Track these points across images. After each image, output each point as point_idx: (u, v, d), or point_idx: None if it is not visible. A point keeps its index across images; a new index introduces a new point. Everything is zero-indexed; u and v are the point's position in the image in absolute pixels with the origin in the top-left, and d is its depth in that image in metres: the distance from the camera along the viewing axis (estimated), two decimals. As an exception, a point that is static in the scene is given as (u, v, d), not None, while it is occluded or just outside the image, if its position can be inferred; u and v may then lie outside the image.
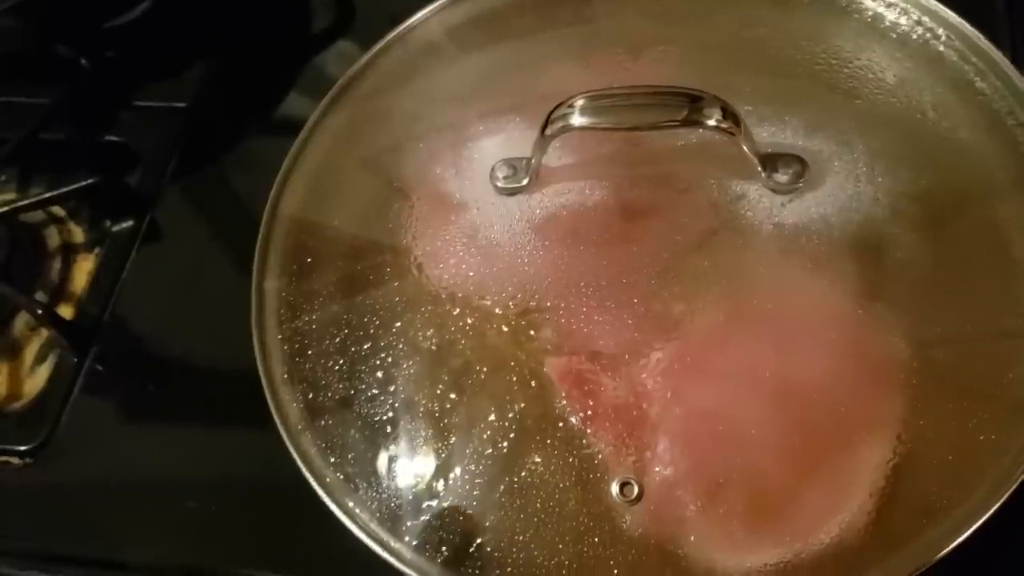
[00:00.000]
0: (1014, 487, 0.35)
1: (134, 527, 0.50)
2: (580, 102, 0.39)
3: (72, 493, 0.51)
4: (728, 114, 0.38)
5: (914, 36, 0.45)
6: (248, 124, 0.64)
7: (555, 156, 0.43)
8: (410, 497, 0.39)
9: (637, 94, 0.39)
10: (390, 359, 0.41)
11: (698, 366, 0.39)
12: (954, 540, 0.35)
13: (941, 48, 0.44)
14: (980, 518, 0.35)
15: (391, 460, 0.40)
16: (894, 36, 0.45)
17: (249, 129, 0.64)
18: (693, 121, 0.38)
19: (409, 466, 0.39)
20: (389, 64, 0.50)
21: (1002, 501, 0.35)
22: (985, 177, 0.41)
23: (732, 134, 0.38)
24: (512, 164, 0.43)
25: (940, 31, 0.44)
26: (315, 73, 0.66)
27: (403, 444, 0.40)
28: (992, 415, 0.37)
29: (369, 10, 0.68)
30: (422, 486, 0.39)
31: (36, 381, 0.56)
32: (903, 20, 0.45)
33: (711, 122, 0.38)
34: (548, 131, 0.40)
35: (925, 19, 0.45)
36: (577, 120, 0.39)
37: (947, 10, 0.44)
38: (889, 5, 0.45)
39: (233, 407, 0.51)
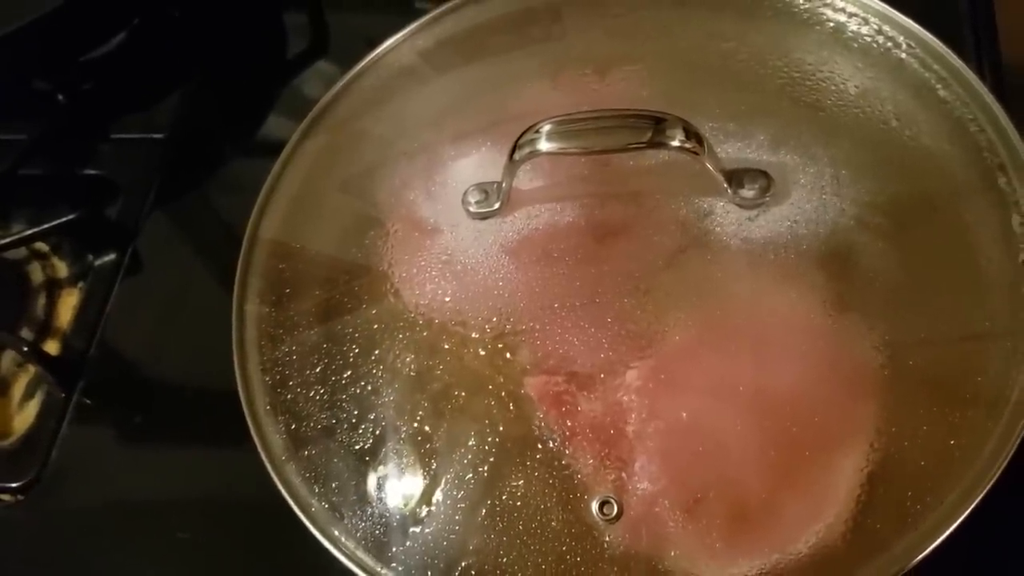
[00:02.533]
0: (987, 489, 0.36)
1: (126, 560, 0.50)
2: (547, 127, 0.39)
3: (64, 528, 0.52)
4: (691, 134, 0.39)
5: (875, 46, 0.45)
6: (227, 150, 0.65)
7: (526, 178, 0.43)
8: (394, 523, 0.39)
9: (602, 118, 0.40)
10: (370, 387, 0.42)
11: (673, 382, 0.39)
12: (931, 544, 0.35)
13: (903, 56, 0.45)
14: (955, 521, 0.35)
15: (375, 487, 0.40)
16: (856, 46, 0.45)
17: (228, 155, 0.65)
18: (657, 143, 0.39)
19: (392, 492, 0.40)
20: (365, 88, 0.51)
21: (976, 503, 0.35)
22: (949, 183, 0.42)
23: (696, 154, 0.39)
24: (484, 189, 0.43)
25: (901, 39, 0.45)
26: (293, 95, 0.66)
27: (386, 471, 0.40)
28: (964, 418, 0.37)
29: (344, 32, 0.69)
30: (406, 512, 0.39)
31: (25, 417, 0.56)
32: (864, 30, 0.45)
33: (675, 143, 0.39)
34: (516, 156, 0.40)
35: (886, 28, 0.45)
36: (544, 145, 0.39)
37: (907, 19, 0.45)
38: (850, 15, 0.46)
39: (222, 435, 0.51)
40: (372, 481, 0.40)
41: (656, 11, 0.49)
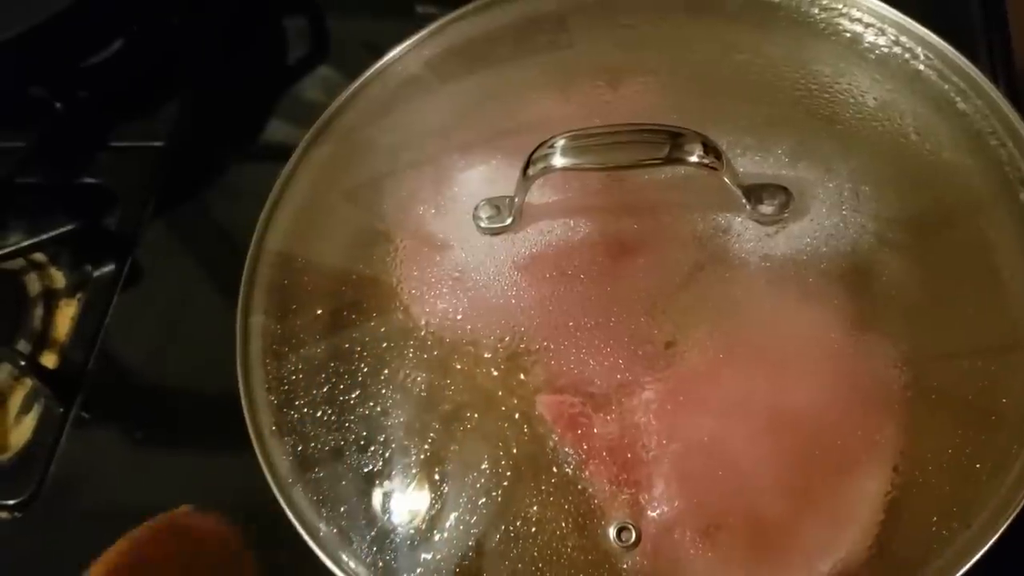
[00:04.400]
0: (1015, 514, 0.35)
1: (127, 580, 0.49)
2: (561, 142, 0.39)
3: (63, 544, 0.51)
4: (709, 149, 0.38)
5: (893, 57, 0.44)
6: (226, 157, 0.64)
7: (539, 193, 0.42)
8: (405, 548, 0.38)
9: (617, 132, 0.39)
10: (379, 407, 0.41)
11: (691, 402, 0.38)
12: (957, 571, 0.35)
13: (921, 67, 0.44)
14: (982, 547, 0.35)
15: (384, 511, 0.39)
16: (873, 57, 0.45)
17: (227, 162, 0.64)
18: (675, 159, 0.38)
19: (403, 517, 0.39)
20: (371, 97, 0.50)
21: (1003, 529, 0.35)
22: (970, 196, 0.41)
23: (715, 169, 0.38)
24: (495, 204, 0.42)
25: (919, 50, 0.44)
26: (293, 101, 0.65)
27: (396, 494, 0.39)
28: (989, 439, 0.37)
29: (345, 37, 0.68)
30: (417, 536, 0.38)
31: (22, 432, 0.55)
32: (881, 40, 0.45)
33: (693, 159, 0.38)
34: (530, 172, 0.39)
35: (903, 39, 0.45)
36: (559, 161, 0.39)
37: (925, 29, 0.44)
38: (867, 25, 0.45)
39: (223, 448, 0.51)
40: (382, 504, 0.39)
41: (666, 21, 0.48)
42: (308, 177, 0.48)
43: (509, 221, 0.42)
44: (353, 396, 0.41)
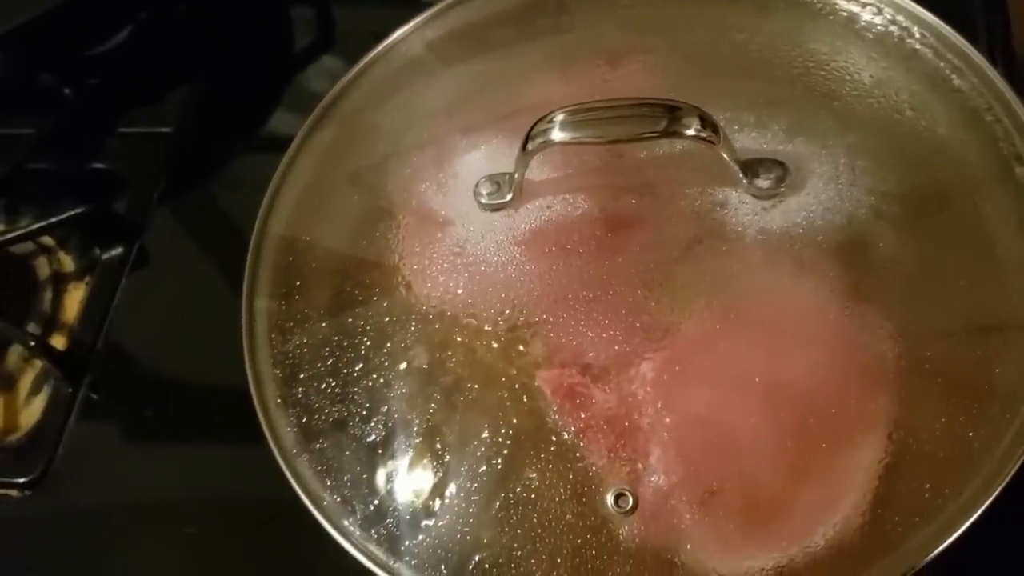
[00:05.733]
0: (1006, 482, 0.35)
1: (134, 555, 0.50)
2: (560, 117, 0.39)
3: (72, 523, 0.51)
4: (707, 124, 0.38)
5: (889, 35, 0.45)
6: (234, 144, 0.65)
7: (538, 169, 0.43)
8: (407, 516, 0.39)
9: (616, 107, 0.39)
10: (382, 379, 0.41)
11: (688, 374, 0.39)
12: (948, 538, 0.35)
13: (917, 46, 0.44)
14: (973, 515, 0.35)
15: (387, 480, 0.40)
16: (870, 36, 0.45)
17: (235, 149, 0.64)
18: (672, 132, 0.38)
19: (405, 485, 0.40)
20: (373, 80, 0.51)
21: (994, 497, 0.35)
22: (965, 173, 0.42)
23: (712, 143, 0.39)
24: (495, 180, 0.43)
25: (915, 29, 0.45)
26: (299, 90, 0.66)
27: (398, 464, 0.40)
28: (982, 411, 0.37)
29: (350, 26, 0.68)
30: (419, 505, 0.39)
31: (32, 412, 0.55)
32: (878, 19, 0.45)
33: (690, 132, 0.38)
34: (529, 147, 0.40)
35: (900, 18, 0.45)
36: (557, 135, 0.39)
37: (920, 8, 0.45)
38: (863, 5, 0.46)
39: (230, 428, 0.51)
40: (384, 474, 0.40)
41: (667, 2, 0.49)
42: (311, 159, 0.49)
43: (509, 197, 0.43)
44: (356, 369, 0.42)
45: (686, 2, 0.48)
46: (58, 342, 0.57)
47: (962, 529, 0.35)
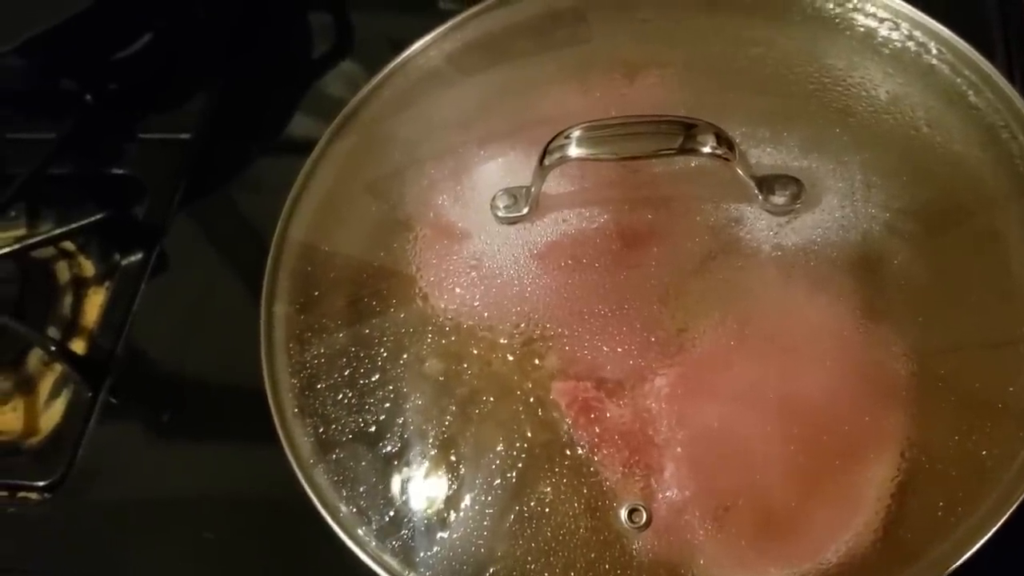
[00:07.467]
0: (1020, 500, 0.35)
1: (151, 559, 0.50)
2: (576, 133, 0.39)
3: (91, 526, 0.52)
4: (722, 140, 0.39)
5: (906, 51, 0.45)
6: (252, 150, 0.65)
7: (555, 183, 0.43)
8: (422, 528, 0.39)
9: (632, 123, 0.40)
10: (398, 391, 0.42)
11: (702, 389, 0.39)
12: (961, 556, 0.35)
13: (933, 62, 0.44)
14: (988, 532, 0.35)
15: (402, 491, 0.40)
16: (886, 52, 0.45)
17: (254, 155, 0.64)
18: (688, 149, 0.39)
19: (420, 497, 0.40)
20: (393, 90, 0.51)
21: (1008, 514, 0.35)
22: (981, 190, 0.42)
23: (727, 160, 0.39)
24: (512, 193, 0.43)
25: (932, 45, 0.45)
26: (317, 95, 0.66)
27: (413, 475, 0.40)
28: (995, 428, 0.37)
29: (368, 33, 0.69)
30: (433, 517, 0.39)
31: (52, 416, 0.56)
32: (895, 35, 0.45)
33: (706, 149, 0.38)
34: (546, 162, 0.40)
35: (916, 33, 0.45)
36: (574, 151, 0.39)
37: (938, 24, 0.45)
38: (881, 20, 0.46)
39: (247, 432, 0.51)
40: (399, 485, 0.40)
41: (684, 16, 0.49)
42: (331, 168, 0.49)
43: (526, 211, 0.43)
44: (373, 380, 0.42)
45: (703, 15, 0.48)
46: (78, 346, 0.58)
47: (976, 547, 0.35)
